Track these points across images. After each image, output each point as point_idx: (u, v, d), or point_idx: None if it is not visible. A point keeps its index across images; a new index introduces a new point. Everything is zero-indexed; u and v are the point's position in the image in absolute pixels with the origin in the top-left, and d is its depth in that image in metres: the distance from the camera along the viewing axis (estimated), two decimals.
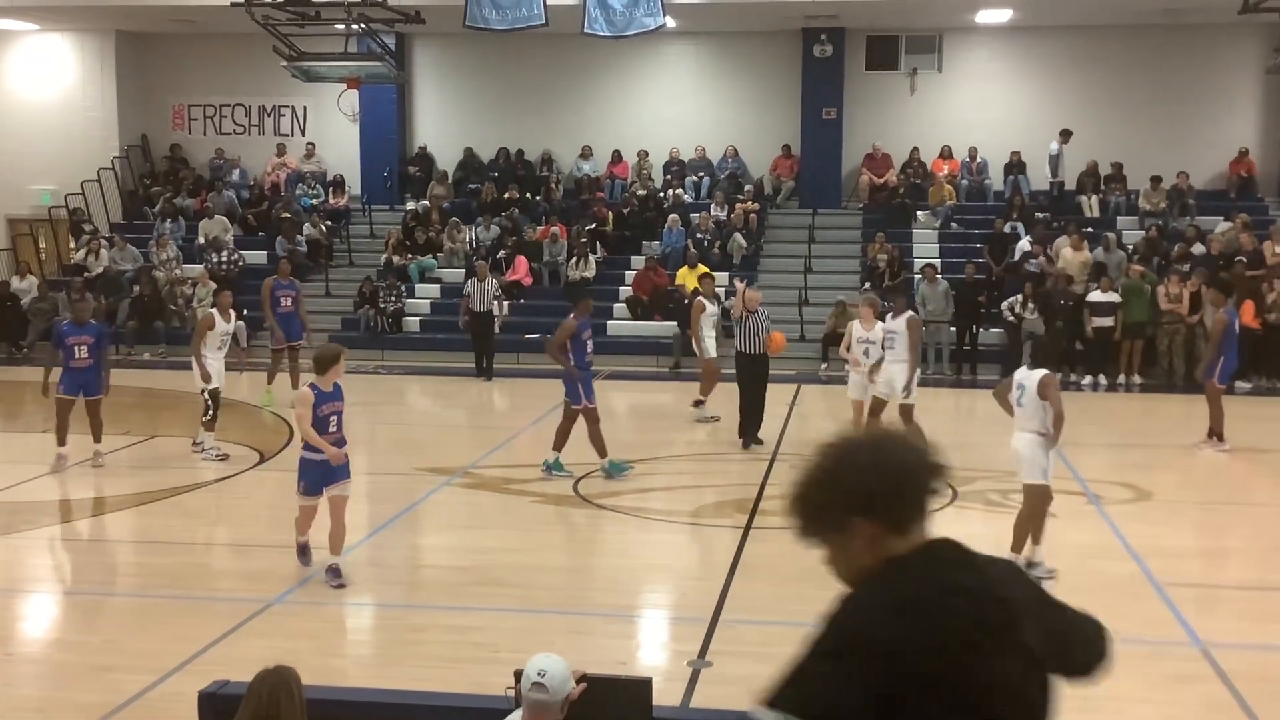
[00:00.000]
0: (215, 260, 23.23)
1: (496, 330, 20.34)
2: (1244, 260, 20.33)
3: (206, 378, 13.41)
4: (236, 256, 23.56)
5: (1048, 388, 9.07)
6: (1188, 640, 8.03)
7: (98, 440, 13.06)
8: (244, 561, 9.95)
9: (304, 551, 9.36)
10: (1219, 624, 8.36)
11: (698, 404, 16.00)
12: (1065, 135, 23.61)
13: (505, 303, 20.94)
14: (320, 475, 8.95)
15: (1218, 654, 7.71)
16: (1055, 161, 23.78)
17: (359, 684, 6.97)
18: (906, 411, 13.00)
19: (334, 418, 8.92)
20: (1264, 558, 10.30)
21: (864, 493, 2.54)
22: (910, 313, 13.48)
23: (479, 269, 20.66)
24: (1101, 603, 9.42)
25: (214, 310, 13.87)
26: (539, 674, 4.43)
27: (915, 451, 2.61)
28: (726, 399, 15.25)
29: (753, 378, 14.14)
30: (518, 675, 4.56)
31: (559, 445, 12.53)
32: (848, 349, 13.61)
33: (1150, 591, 8.98)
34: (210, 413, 13.48)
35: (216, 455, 13.37)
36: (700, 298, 16.24)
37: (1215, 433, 14.05)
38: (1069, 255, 20.96)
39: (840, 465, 2.58)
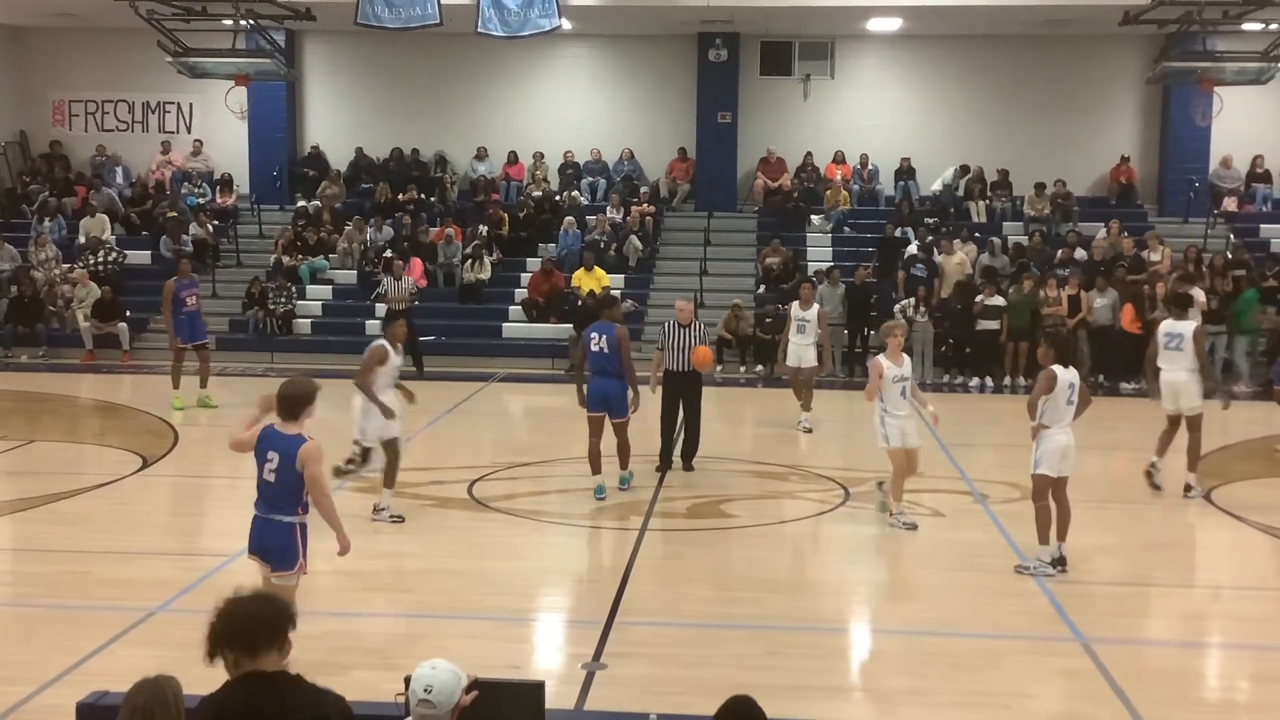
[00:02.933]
0: (93, 261, 22.65)
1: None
2: (1125, 265, 20.95)
3: (389, 414, 10.76)
4: (115, 255, 22.99)
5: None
6: (1070, 635, 8.23)
7: None
8: (125, 569, 9.67)
9: None
10: (1099, 620, 8.57)
11: (807, 431, 15.51)
12: (963, 170, 24.27)
13: (406, 302, 20.76)
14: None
15: (1099, 649, 7.91)
16: (947, 189, 24.42)
17: None
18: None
19: None
20: (1141, 555, 10.61)
21: (226, 632, 4.03)
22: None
23: (395, 266, 20.59)
24: (988, 599, 9.56)
25: (384, 341, 11.13)
26: (425, 690, 4.38)
27: (271, 609, 4.15)
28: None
29: (679, 400, 13.06)
30: (408, 681, 4.50)
31: (625, 462, 12.20)
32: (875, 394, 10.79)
33: (1034, 588, 9.18)
34: (359, 463, 11.37)
35: (391, 517, 11.02)
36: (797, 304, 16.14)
37: None
38: (962, 259, 21.38)
39: (220, 615, 4.06)
